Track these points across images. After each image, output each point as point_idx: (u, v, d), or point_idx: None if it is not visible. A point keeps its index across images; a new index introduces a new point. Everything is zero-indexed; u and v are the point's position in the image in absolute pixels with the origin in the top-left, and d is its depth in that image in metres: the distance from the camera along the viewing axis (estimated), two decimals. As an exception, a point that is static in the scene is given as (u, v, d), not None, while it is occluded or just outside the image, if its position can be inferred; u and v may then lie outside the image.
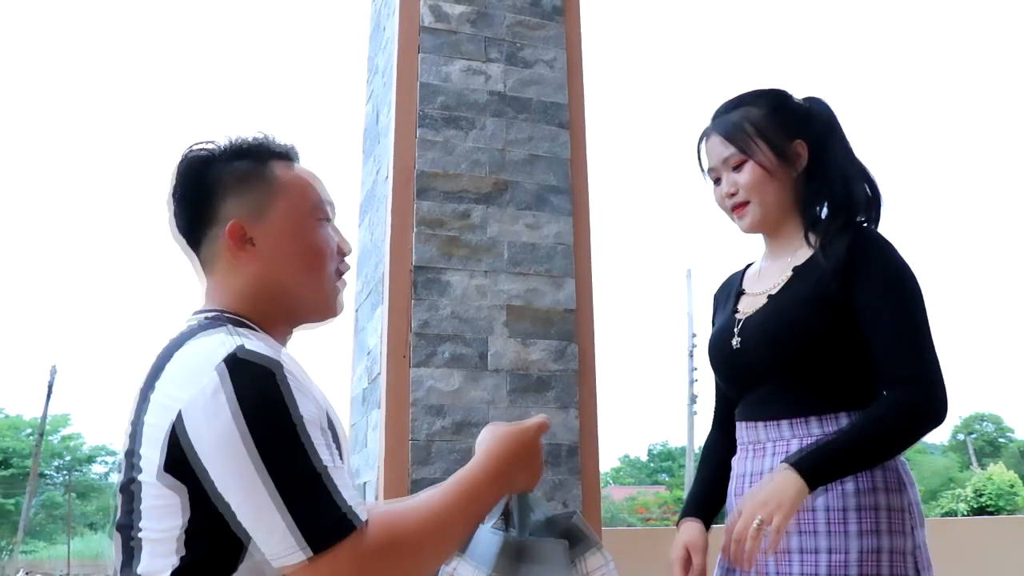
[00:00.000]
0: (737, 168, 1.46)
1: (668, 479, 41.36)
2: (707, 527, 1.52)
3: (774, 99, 1.49)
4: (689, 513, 1.53)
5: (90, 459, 32.54)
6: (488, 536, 1.12)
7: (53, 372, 24.01)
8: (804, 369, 1.37)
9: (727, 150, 1.46)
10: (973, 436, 38.09)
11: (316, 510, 0.87)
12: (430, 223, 2.41)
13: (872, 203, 1.46)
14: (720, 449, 1.58)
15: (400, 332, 2.31)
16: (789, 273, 1.44)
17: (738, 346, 1.45)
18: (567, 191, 2.58)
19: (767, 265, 1.53)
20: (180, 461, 0.90)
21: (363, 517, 0.90)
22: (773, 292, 1.44)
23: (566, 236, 2.55)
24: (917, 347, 1.31)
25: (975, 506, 15.38)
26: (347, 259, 1.18)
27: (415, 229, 2.39)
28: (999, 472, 16.98)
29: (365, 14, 3.31)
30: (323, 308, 1.12)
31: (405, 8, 2.57)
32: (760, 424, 1.42)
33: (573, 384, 2.44)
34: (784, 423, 1.38)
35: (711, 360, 1.55)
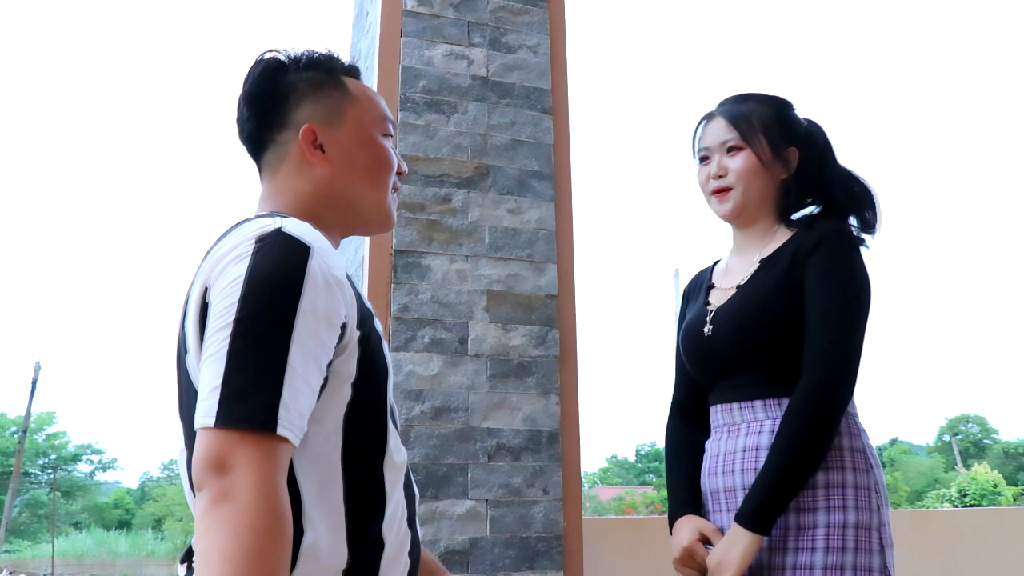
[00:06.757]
0: (732, 153, 1.52)
1: (656, 479, 41.49)
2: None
3: (780, 104, 1.56)
4: (684, 511, 1.49)
5: (75, 458, 32.32)
6: None
7: (37, 368, 23.77)
8: (772, 353, 1.42)
9: (729, 134, 1.52)
10: (958, 437, 38.36)
11: (246, 389, 0.84)
12: (411, 207, 2.39)
13: (866, 203, 1.52)
14: (691, 439, 1.57)
15: (379, 316, 2.28)
16: (756, 265, 1.50)
17: (710, 333, 1.50)
18: (549, 177, 2.57)
19: (735, 260, 1.58)
20: (203, 329, 0.92)
21: (288, 434, 0.85)
22: (742, 283, 1.50)
23: (548, 222, 2.53)
24: (836, 340, 1.35)
25: (959, 506, 15.49)
26: None
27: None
28: (983, 472, 17.12)
29: (349, 1, 3.28)
30: (382, 219, 1.16)
31: (387, -9, 2.55)
32: (735, 406, 1.46)
33: (554, 370, 2.43)
34: (758, 403, 1.43)
35: (683, 349, 1.58)
